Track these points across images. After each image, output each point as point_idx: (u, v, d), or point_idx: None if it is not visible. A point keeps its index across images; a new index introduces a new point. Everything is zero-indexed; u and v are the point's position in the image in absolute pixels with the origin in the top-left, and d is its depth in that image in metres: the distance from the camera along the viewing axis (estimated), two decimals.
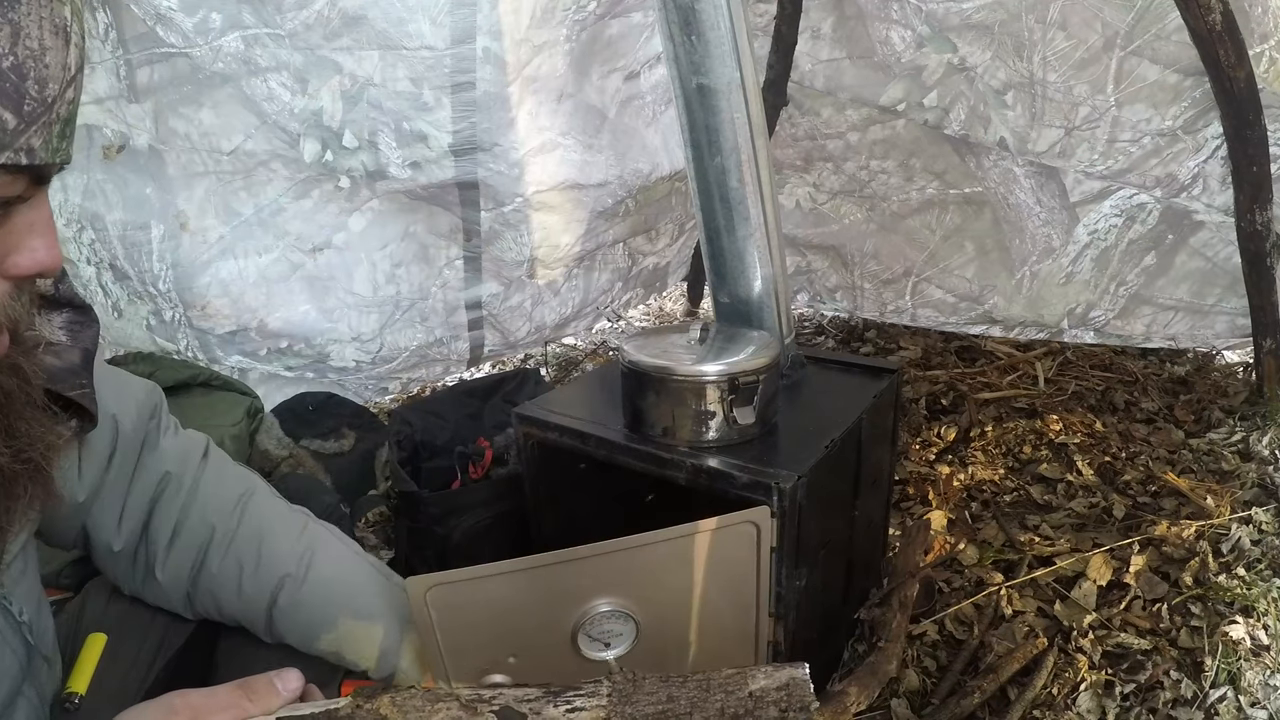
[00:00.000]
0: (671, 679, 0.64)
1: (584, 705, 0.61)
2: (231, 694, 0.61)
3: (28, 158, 0.48)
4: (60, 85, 0.49)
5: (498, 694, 0.62)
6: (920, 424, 2.35)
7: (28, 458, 0.60)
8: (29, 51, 0.46)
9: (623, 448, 1.21)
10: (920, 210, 2.62)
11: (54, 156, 0.50)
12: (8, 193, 0.49)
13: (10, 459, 0.58)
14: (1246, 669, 1.37)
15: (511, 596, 0.93)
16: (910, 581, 1.52)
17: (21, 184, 0.50)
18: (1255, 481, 1.94)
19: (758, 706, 0.62)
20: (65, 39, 0.48)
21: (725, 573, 1.02)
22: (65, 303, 0.74)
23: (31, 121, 0.48)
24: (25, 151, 0.48)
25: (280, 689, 0.62)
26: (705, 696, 0.63)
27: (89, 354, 0.73)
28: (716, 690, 0.63)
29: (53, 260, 0.54)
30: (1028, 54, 2.13)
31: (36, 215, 0.53)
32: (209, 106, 1.75)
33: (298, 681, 0.63)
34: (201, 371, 1.88)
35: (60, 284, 0.72)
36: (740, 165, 1.31)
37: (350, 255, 2.09)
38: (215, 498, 0.90)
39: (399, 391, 2.46)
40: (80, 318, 0.74)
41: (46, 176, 0.53)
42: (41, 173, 0.51)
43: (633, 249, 2.78)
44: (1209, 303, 2.36)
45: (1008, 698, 1.36)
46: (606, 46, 2.17)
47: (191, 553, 0.88)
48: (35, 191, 0.52)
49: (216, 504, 0.90)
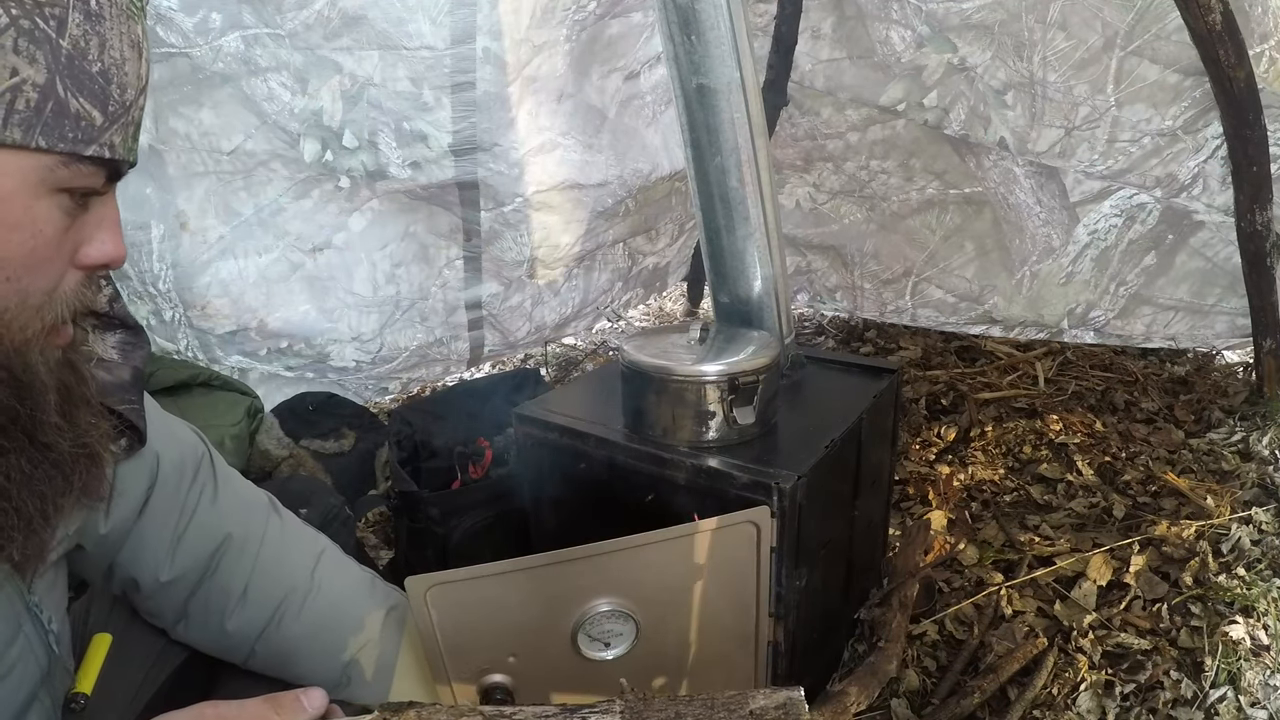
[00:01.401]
0: (679, 698, 0.70)
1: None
2: (260, 707, 0.63)
3: (110, 152, 0.55)
4: (135, 91, 0.57)
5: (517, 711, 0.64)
6: (920, 424, 2.35)
7: (85, 444, 0.62)
8: (113, 60, 0.54)
9: (623, 448, 1.21)
10: (920, 210, 2.62)
11: (129, 155, 0.57)
12: (89, 184, 0.55)
13: (71, 444, 0.61)
14: (1246, 669, 1.37)
15: (511, 596, 0.93)
16: (910, 581, 1.52)
17: (100, 177, 0.56)
18: (1255, 481, 1.94)
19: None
20: (139, 52, 0.56)
21: (725, 573, 1.02)
22: (119, 323, 0.75)
23: (114, 121, 0.54)
24: (108, 147, 0.54)
25: (306, 705, 0.64)
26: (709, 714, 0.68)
27: (139, 372, 0.75)
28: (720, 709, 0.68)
29: (119, 252, 0.60)
30: (1028, 54, 2.13)
31: (107, 211, 0.59)
32: (209, 106, 1.75)
33: (323, 700, 0.65)
34: (201, 371, 1.88)
35: (115, 304, 0.74)
36: (740, 165, 1.31)
37: (350, 255, 2.09)
38: (288, 559, 0.91)
39: (399, 391, 2.46)
40: (132, 339, 0.76)
41: (120, 173, 0.58)
42: (118, 168, 0.57)
43: (633, 249, 2.78)
44: (1209, 303, 2.36)
45: (1008, 698, 1.36)
46: (606, 46, 2.17)
47: (266, 611, 0.88)
48: (109, 188, 0.58)
49: (290, 566, 0.91)
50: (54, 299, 0.57)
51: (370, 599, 0.95)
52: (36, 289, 0.55)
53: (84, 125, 0.53)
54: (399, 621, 0.95)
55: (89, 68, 0.52)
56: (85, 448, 0.63)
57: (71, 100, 0.52)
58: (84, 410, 0.63)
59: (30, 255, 0.54)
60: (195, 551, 0.87)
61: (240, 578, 0.88)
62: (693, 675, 1.08)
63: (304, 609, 0.90)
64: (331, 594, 0.92)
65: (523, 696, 0.97)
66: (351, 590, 0.94)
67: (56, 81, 0.51)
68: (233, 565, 0.88)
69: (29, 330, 0.55)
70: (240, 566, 0.88)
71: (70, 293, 0.58)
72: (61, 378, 0.60)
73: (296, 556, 0.92)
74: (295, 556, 0.92)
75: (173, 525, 0.85)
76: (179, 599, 0.87)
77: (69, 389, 0.61)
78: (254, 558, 0.89)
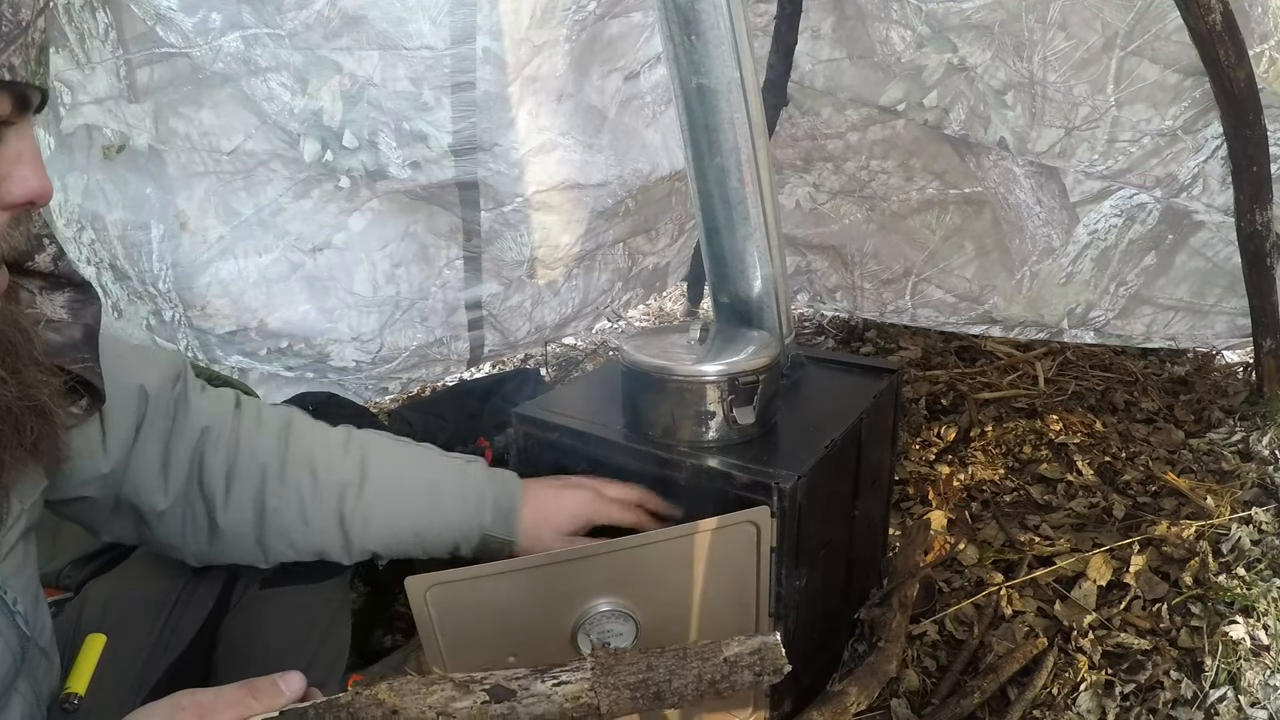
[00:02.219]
0: (650, 651, 0.69)
1: (569, 679, 0.66)
2: (237, 693, 0.63)
3: (9, 73, 0.52)
4: (32, 12, 0.54)
5: (488, 675, 0.66)
6: (920, 424, 2.35)
7: (34, 400, 0.62)
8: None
9: (623, 448, 1.21)
10: (920, 210, 2.62)
11: (33, 78, 0.55)
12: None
13: (17, 397, 0.60)
14: (1246, 669, 1.37)
15: (512, 596, 0.93)
16: (910, 581, 1.52)
17: (7, 104, 0.54)
18: (1255, 481, 1.94)
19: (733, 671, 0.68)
20: None
21: (725, 573, 1.02)
22: (65, 281, 0.74)
23: (9, 42, 0.52)
24: (6, 68, 0.52)
25: (284, 689, 0.64)
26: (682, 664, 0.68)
27: (91, 330, 0.74)
28: (693, 658, 0.69)
29: (43, 187, 0.57)
30: (1028, 54, 2.13)
31: (24, 145, 0.56)
32: (209, 106, 1.75)
33: (300, 682, 0.65)
34: (202, 372, 1.88)
35: (60, 261, 0.73)
36: (740, 165, 1.31)
37: (350, 255, 2.09)
38: (259, 437, 0.92)
39: (399, 391, 2.46)
40: (81, 295, 0.75)
41: (29, 101, 0.57)
42: (24, 95, 0.56)
43: (633, 249, 2.78)
44: (1209, 303, 2.36)
45: (1008, 698, 1.36)
46: (606, 46, 2.17)
47: (250, 495, 0.90)
48: (20, 117, 0.56)
49: (261, 443, 0.92)
50: None
51: (344, 453, 0.95)
52: None
53: None
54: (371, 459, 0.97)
55: None
56: (33, 403, 0.62)
57: None
58: (30, 367, 0.62)
59: None
60: (181, 459, 0.88)
61: (220, 468, 0.89)
62: None
63: (284, 480, 0.91)
64: (304, 459, 0.93)
65: None
66: (324, 449, 0.95)
67: None
68: (213, 459, 0.89)
69: None
70: (218, 457, 0.90)
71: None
72: (2, 331, 0.60)
73: (267, 432, 0.94)
74: (266, 432, 0.93)
75: (163, 439, 0.87)
76: (180, 510, 0.89)
77: (12, 344, 0.61)
78: (229, 443, 0.91)
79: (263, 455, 0.91)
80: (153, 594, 0.96)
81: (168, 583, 0.96)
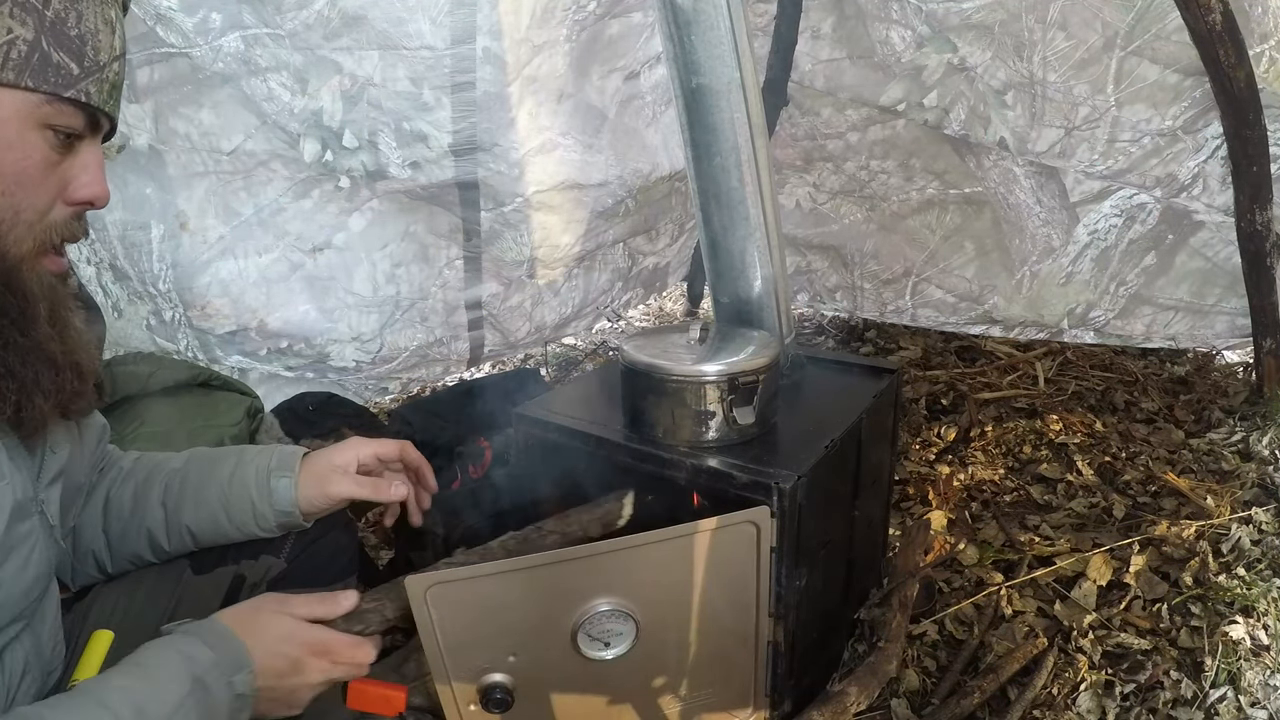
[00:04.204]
0: None
1: None
2: (309, 598, 0.84)
3: (86, 98, 0.70)
4: (109, 57, 0.72)
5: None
6: (920, 424, 2.35)
7: (75, 359, 0.74)
8: (88, 29, 0.70)
9: (623, 448, 1.21)
10: (920, 210, 2.62)
11: (104, 105, 0.72)
12: (70, 123, 0.70)
13: (61, 351, 0.73)
14: (1246, 669, 1.37)
15: (511, 595, 0.93)
16: (910, 581, 1.52)
17: (80, 120, 0.71)
18: (1255, 481, 1.94)
19: None
20: (111, 29, 0.73)
21: (725, 573, 1.02)
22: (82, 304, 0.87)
23: (89, 74, 0.70)
24: (84, 93, 0.70)
25: (343, 602, 0.85)
26: None
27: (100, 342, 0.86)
28: None
29: (102, 191, 0.74)
30: (1028, 54, 2.13)
31: (90, 157, 0.73)
32: (209, 106, 1.75)
33: (357, 597, 0.87)
34: (202, 371, 1.88)
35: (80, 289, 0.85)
36: (740, 165, 1.31)
37: (350, 255, 2.09)
38: (125, 488, 1.00)
39: (399, 391, 2.46)
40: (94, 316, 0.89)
41: (99, 125, 0.74)
42: (95, 117, 0.73)
43: (633, 249, 2.78)
44: (1209, 303, 2.36)
45: (1008, 698, 1.36)
46: (606, 46, 2.17)
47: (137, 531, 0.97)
48: (91, 134, 0.73)
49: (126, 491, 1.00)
50: (45, 223, 0.71)
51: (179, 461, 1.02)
52: (29, 206, 0.69)
53: (63, 73, 0.68)
54: None
55: (68, 31, 0.69)
56: (74, 359, 0.74)
57: (54, 53, 0.67)
58: (72, 332, 0.75)
59: (22, 174, 0.68)
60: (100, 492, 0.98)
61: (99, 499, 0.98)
62: (693, 674, 1.08)
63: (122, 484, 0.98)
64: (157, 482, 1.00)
65: (522, 696, 0.97)
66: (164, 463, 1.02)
67: (42, 39, 0.67)
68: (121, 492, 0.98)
69: (23, 246, 0.69)
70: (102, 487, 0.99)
71: (60, 223, 0.72)
72: (52, 299, 0.72)
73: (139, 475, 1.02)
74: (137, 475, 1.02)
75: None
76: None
77: (58, 311, 0.74)
78: (119, 493, 0.99)
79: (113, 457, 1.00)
80: (159, 593, 0.97)
81: (173, 584, 0.98)
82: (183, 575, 0.98)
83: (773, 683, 1.17)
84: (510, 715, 0.97)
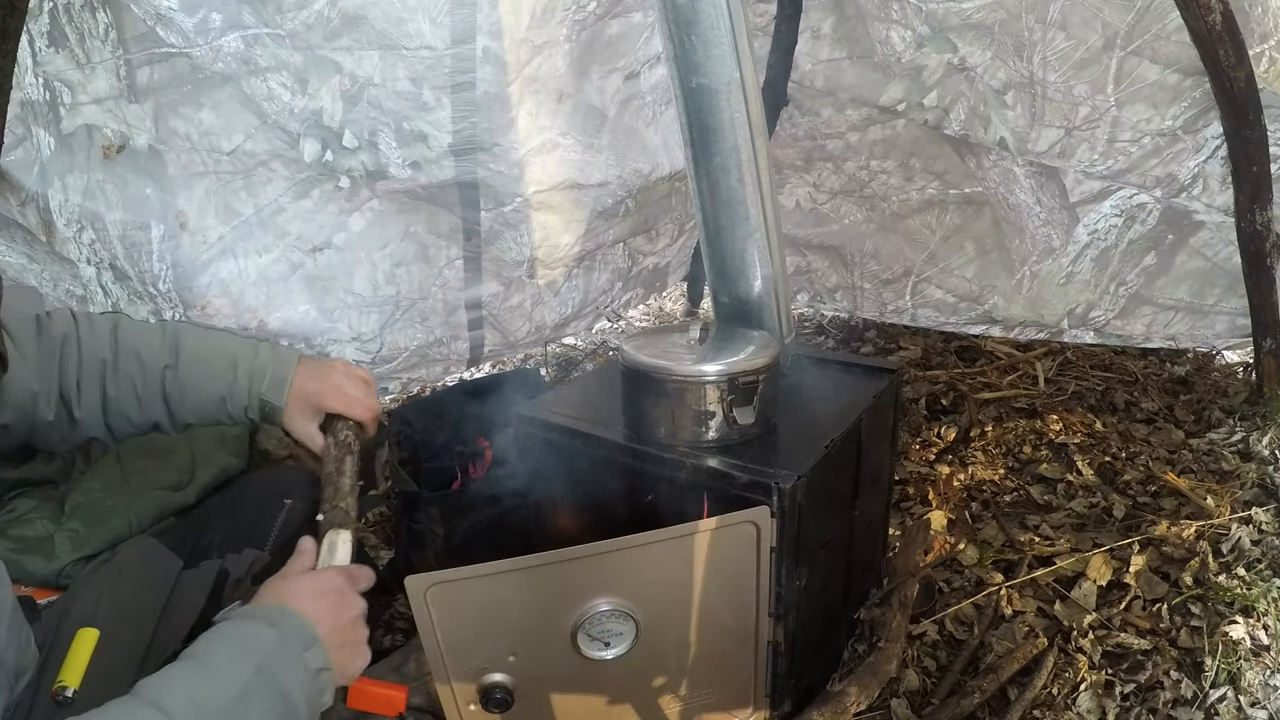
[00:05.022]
0: None
1: None
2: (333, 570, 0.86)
3: None
4: None
5: None
6: (920, 424, 2.35)
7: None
8: None
9: (623, 448, 1.21)
10: (920, 210, 2.62)
11: None
12: None
13: None
14: (1246, 669, 1.37)
15: (511, 595, 0.93)
16: (910, 581, 1.52)
17: None
18: (1255, 481, 1.94)
19: None
20: None
21: (725, 573, 1.03)
22: None
23: None
24: None
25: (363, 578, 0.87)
26: None
27: None
28: None
29: None
30: (1028, 54, 2.13)
31: None
32: (209, 106, 1.74)
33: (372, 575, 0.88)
34: None
35: None
36: (740, 165, 1.31)
37: (350, 255, 2.09)
38: (94, 340, 1.07)
39: (399, 391, 2.46)
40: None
41: None
42: None
43: (633, 249, 2.78)
44: (1209, 303, 2.36)
45: (1008, 698, 1.36)
46: (606, 46, 2.17)
47: (95, 388, 1.05)
48: None
49: (96, 344, 1.06)
50: None
51: (161, 340, 1.09)
52: None
53: None
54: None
55: None
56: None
57: None
58: None
59: None
60: (52, 373, 1.03)
61: (72, 373, 1.04)
62: (693, 674, 1.08)
63: (118, 371, 1.05)
64: (131, 352, 1.07)
65: (522, 695, 0.97)
66: (144, 340, 1.09)
67: None
68: (67, 365, 1.04)
69: None
70: (70, 366, 1.04)
71: None
72: None
73: (100, 334, 1.08)
74: (99, 334, 1.08)
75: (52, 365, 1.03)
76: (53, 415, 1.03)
77: None
78: (74, 352, 1.05)
79: (100, 353, 1.06)
80: (144, 590, 0.97)
81: (159, 579, 0.97)
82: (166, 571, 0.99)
83: (773, 683, 1.17)
84: (510, 715, 0.97)
